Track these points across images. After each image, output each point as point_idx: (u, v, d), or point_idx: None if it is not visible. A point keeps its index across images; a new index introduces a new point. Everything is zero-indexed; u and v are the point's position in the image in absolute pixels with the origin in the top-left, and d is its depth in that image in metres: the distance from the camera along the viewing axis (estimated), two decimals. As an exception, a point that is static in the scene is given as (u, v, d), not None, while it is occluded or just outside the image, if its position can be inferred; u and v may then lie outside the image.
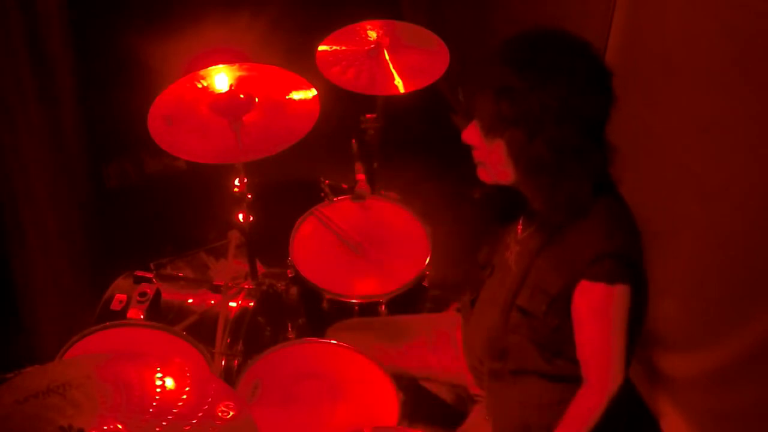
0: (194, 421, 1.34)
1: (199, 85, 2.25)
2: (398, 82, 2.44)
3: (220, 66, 2.31)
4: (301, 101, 2.22)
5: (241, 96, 2.20)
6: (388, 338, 2.19)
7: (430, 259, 2.44)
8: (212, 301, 2.42)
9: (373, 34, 2.58)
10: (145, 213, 3.37)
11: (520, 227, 1.88)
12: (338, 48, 2.53)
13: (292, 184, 3.33)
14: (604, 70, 1.65)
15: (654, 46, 2.41)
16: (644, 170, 2.53)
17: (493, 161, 1.73)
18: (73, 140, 2.92)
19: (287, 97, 2.24)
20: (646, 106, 2.49)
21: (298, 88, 2.26)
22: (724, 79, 2.15)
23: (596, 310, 1.70)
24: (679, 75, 2.32)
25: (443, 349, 2.14)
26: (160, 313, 2.35)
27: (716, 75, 2.17)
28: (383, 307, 2.34)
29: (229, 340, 2.31)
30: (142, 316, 2.29)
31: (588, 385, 1.75)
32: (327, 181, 2.67)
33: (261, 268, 2.72)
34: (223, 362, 2.23)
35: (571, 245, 1.71)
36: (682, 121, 2.35)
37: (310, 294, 2.39)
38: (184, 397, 1.37)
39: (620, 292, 1.67)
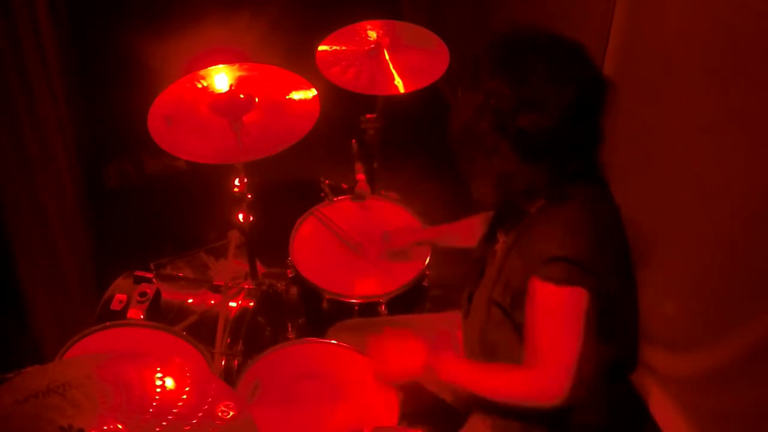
0: (194, 421, 1.34)
1: (199, 85, 2.25)
2: (398, 82, 2.44)
3: (220, 66, 2.31)
4: (301, 101, 2.22)
5: (241, 96, 2.20)
6: (388, 338, 2.19)
7: (430, 259, 2.44)
8: (212, 301, 2.42)
9: (373, 34, 2.58)
10: (145, 213, 3.37)
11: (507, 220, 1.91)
12: (338, 48, 2.53)
13: (292, 184, 3.33)
14: (567, 99, 1.60)
15: (654, 46, 2.41)
16: (644, 170, 2.53)
17: None
18: (73, 140, 2.92)
19: (287, 97, 2.24)
20: (646, 106, 2.49)
21: (298, 88, 2.26)
22: (724, 79, 2.15)
23: (543, 309, 1.68)
24: (678, 75, 2.32)
25: (444, 348, 2.14)
26: (160, 313, 2.35)
27: (716, 75, 2.17)
28: (383, 307, 2.34)
29: (229, 340, 2.31)
30: (142, 316, 2.29)
31: (527, 368, 1.72)
32: (327, 181, 2.67)
33: (261, 268, 2.72)
34: (223, 362, 2.23)
35: (534, 243, 1.73)
36: (682, 121, 2.35)
37: (310, 294, 2.39)
38: (184, 397, 1.37)
39: (570, 295, 1.65)
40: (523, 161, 1.65)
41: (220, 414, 1.35)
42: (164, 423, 1.33)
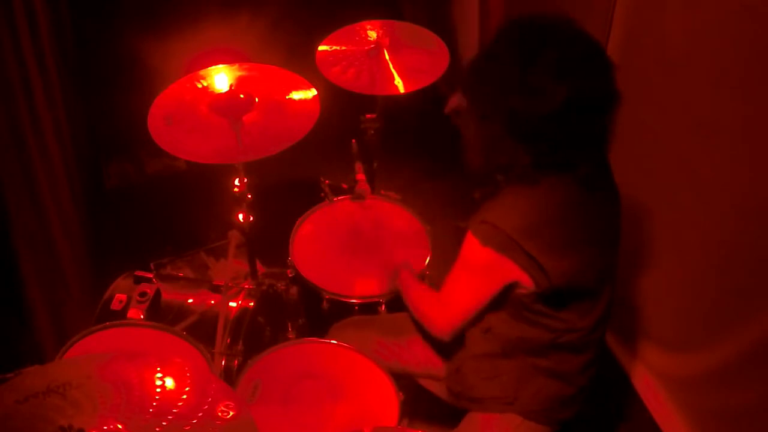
0: (194, 421, 1.34)
1: (199, 85, 2.25)
2: (398, 82, 2.44)
3: (220, 66, 2.31)
4: (301, 101, 2.22)
5: (241, 96, 2.20)
6: (390, 333, 2.20)
7: (430, 259, 2.44)
8: (212, 301, 2.42)
9: (373, 34, 2.57)
10: (145, 213, 3.37)
11: None
12: (338, 48, 2.53)
13: (292, 184, 3.33)
14: (563, 95, 1.63)
15: (654, 45, 2.41)
16: (644, 170, 2.53)
17: None
18: (73, 140, 2.92)
19: (287, 97, 2.24)
20: (646, 105, 2.49)
21: (298, 88, 2.26)
22: (724, 78, 2.15)
23: (465, 259, 1.85)
24: (679, 73, 2.32)
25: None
26: (160, 313, 2.35)
27: (717, 73, 2.17)
28: (383, 307, 2.34)
29: (229, 340, 2.31)
30: (142, 316, 2.29)
31: (435, 298, 1.96)
32: (327, 181, 2.67)
33: (261, 268, 2.72)
34: (223, 362, 2.23)
35: (483, 205, 1.83)
36: (682, 120, 2.35)
37: (310, 294, 2.39)
38: (184, 397, 1.37)
39: (491, 257, 1.77)
40: (510, 137, 1.72)
41: (220, 414, 1.35)
42: (164, 423, 1.33)
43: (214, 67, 2.31)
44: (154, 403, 1.35)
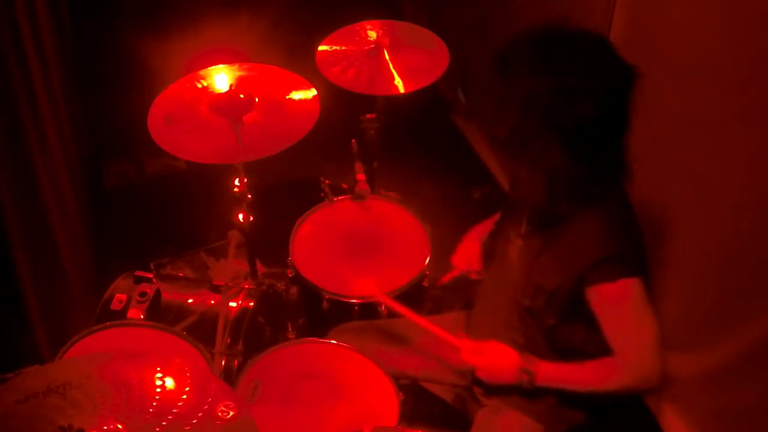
0: (194, 421, 1.34)
1: (199, 85, 2.25)
2: (398, 82, 2.44)
3: (220, 66, 2.31)
4: (301, 101, 2.22)
5: (241, 96, 2.20)
6: (390, 340, 2.20)
7: (430, 259, 2.44)
8: (212, 301, 2.42)
9: (373, 34, 2.57)
10: (145, 213, 3.38)
11: (525, 221, 1.90)
12: (338, 48, 2.53)
13: (292, 184, 3.33)
14: (602, 88, 1.63)
15: (654, 45, 2.41)
16: (644, 169, 2.53)
17: None
18: (73, 140, 2.92)
19: (287, 97, 2.24)
20: (646, 105, 2.48)
21: (298, 88, 2.26)
22: (725, 78, 2.14)
23: (610, 307, 1.76)
24: (679, 73, 2.32)
25: (446, 349, 2.14)
26: (160, 313, 2.35)
27: (717, 73, 2.17)
28: (383, 307, 2.34)
29: (229, 340, 2.31)
30: (142, 316, 2.29)
31: (619, 361, 1.79)
32: (327, 181, 2.67)
33: (261, 268, 2.72)
34: (223, 362, 2.23)
35: (570, 246, 1.75)
36: (682, 120, 2.34)
37: (310, 294, 2.39)
38: (184, 397, 1.37)
39: (626, 286, 1.72)
40: (570, 156, 1.65)
41: (220, 414, 1.35)
42: (164, 423, 1.33)
43: (214, 67, 2.31)
44: (154, 403, 1.35)
